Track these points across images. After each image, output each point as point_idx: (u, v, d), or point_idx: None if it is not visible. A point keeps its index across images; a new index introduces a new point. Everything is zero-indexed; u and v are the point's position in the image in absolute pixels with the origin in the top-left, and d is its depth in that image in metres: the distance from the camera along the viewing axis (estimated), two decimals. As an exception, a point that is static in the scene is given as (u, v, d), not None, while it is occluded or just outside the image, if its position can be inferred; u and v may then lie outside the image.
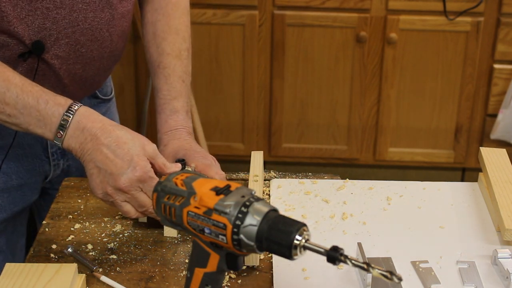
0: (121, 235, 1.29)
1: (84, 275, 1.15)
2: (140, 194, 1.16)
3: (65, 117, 1.16)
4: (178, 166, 1.21)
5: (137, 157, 1.15)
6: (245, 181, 1.43)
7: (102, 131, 1.16)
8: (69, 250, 1.23)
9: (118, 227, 1.31)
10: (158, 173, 1.18)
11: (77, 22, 1.29)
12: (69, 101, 1.18)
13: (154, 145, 1.20)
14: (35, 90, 1.19)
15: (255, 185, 1.36)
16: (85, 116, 1.17)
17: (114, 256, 1.23)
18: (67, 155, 1.50)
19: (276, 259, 1.21)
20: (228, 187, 0.95)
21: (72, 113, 1.17)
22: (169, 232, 1.28)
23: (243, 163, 1.34)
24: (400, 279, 0.87)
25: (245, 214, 0.92)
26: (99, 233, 1.29)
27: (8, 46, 1.25)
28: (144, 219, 1.30)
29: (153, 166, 1.17)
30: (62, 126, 1.17)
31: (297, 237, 0.90)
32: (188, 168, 1.27)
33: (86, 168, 1.18)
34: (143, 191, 1.16)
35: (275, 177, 1.47)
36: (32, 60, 1.29)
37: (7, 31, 1.23)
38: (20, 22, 1.23)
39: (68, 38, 1.30)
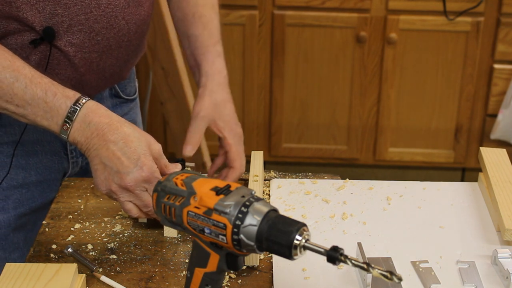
0: (121, 235, 1.29)
1: (84, 275, 1.15)
2: (144, 194, 1.16)
3: (72, 109, 1.16)
4: (178, 166, 1.21)
5: (143, 156, 1.15)
6: (245, 181, 1.43)
7: (110, 127, 1.15)
8: (69, 250, 1.23)
9: (118, 227, 1.31)
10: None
11: (89, 8, 1.27)
12: (77, 94, 1.17)
13: (159, 145, 1.19)
14: (44, 82, 1.18)
15: (255, 185, 1.36)
16: (93, 110, 1.16)
17: (114, 256, 1.23)
18: None
19: (276, 259, 1.21)
20: (228, 187, 0.95)
21: (79, 106, 1.16)
22: (169, 232, 1.28)
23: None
24: (400, 279, 0.87)
25: (245, 214, 0.92)
26: (99, 233, 1.29)
27: (20, 33, 1.24)
28: (144, 219, 1.30)
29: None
30: (69, 119, 1.16)
31: (297, 237, 0.90)
32: (187, 168, 1.28)
33: (91, 163, 1.18)
34: (148, 191, 1.16)
35: (275, 177, 1.47)
36: (45, 47, 1.27)
37: (16, 17, 1.22)
38: (30, 8, 1.22)
39: (82, 25, 1.28)
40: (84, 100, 1.16)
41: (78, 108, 1.16)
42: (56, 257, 1.23)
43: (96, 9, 1.28)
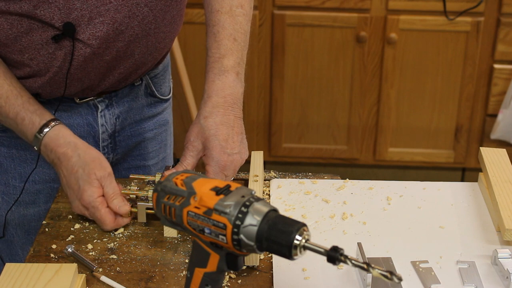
0: (121, 235, 1.29)
1: (84, 275, 1.15)
2: (96, 212, 1.25)
3: (36, 138, 1.28)
4: (127, 206, 1.28)
5: (84, 185, 1.25)
6: (245, 181, 1.43)
7: (63, 157, 1.26)
8: (69, 250, 1.23)
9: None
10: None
11: None
12: (43, 121, 1.28)
13: (106, 171, 1.26)
14: (18, 103, 1.27)
15: (255, 185, 1.36)
16: (53, 140, 1.27)
17: (114, 256, 1.23)
18: (117, 149, 1.51)
19: (276, 259, 1.21)
20: (228, 187, 0.95)
21: (42, 135, 1.28)
22: (169, 232, 1.28)
23: (243, 163, 1.34)
24: (400, 279, 0.87)
25: (245, 214, 0.92)
26: (99, 233, 1.29)
27: (43, 28, 1.24)
28: (144, 219, 1.30)
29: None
30: (35, 144, 1.29)
31: (297, 237, 0.90)
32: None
33: None
34: (98, 209, 1.25)
35: (275, 177, 1.47)
36: (69, 42, 1.27)
37: (34, 15, 1.22)
38: (49, 5, 1.22)
39: (103, 17, 1.26)
40: (46, 130, 1.27)
41: (41, 137, 1.28)
42: (56, 257, 1.23)
43: None
